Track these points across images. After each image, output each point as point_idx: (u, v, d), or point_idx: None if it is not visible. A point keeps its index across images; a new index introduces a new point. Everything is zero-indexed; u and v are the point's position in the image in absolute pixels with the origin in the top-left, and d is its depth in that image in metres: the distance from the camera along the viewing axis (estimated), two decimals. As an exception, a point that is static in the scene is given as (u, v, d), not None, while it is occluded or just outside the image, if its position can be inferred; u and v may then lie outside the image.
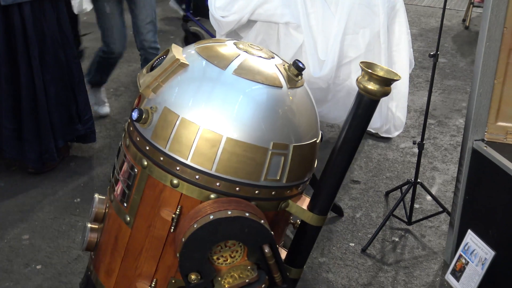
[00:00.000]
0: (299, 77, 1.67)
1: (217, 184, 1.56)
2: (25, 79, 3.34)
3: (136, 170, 1.63)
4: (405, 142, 4.02)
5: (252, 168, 1.56)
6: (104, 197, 1.80)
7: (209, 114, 1.56)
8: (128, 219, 1.66)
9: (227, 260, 1.58)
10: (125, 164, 1.67)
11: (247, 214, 1.53)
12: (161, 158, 1.57)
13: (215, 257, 1.57)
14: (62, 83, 3.50)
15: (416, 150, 3.33)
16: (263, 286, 1.58)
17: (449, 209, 3.06)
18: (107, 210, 1.77)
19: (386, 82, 1.54)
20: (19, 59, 3.31)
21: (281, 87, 1.61)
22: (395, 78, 1.55)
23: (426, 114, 3.03)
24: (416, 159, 3.10)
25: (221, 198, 1.57)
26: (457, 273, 2.73)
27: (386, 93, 1.55)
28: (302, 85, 1.70)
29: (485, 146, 2.59)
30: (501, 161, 2.50)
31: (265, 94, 1.60)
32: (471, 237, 2.70)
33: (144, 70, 1.67)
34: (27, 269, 2.85)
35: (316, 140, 1.69)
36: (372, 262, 2.94)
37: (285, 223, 1.76)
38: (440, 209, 3.21)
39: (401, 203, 3.15)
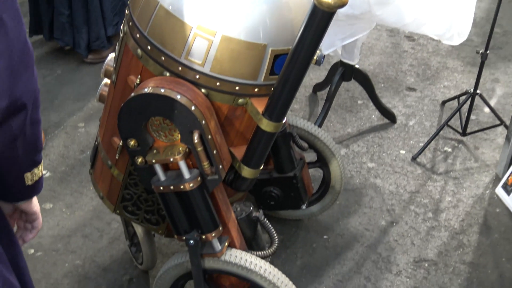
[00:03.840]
0: None
1: (162, 58, 1.61)
2: None
3: (121, 36, 1.75)
4: (467, 51, 3.87)
5: (175, 43, 1.59)
6: None
7: None
8: (114, 78, 1.80)
9: (166, 137, 1.66)
10: None
11: (178, 97, 1.56)
12: (133, 28, 1.67)
13: (154, 131, 1.66)
14: None
15: (478, 60, 3.20)
16: (190, 181, 1.65)
17: (507, 123, 2.98)
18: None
19: None
20: None
21: None
22: None
23: (493, 23, 2.88)
24: (478, 69, 2.98)
25: (169, 77, 1.62)
26: (509, 187, 2.69)
27: (342, 5, 1.42)
28: None
29: (553, 59, 2.48)
30: None
31: None
32: (527, 152, 2.64)
33: None
34: (82, 155, 2.94)
35: (266, 45, 1.60)
36: (422, 170, 2.92)
37: (245, 123, 1.73)
38: (498, 122, 3.13)
39: (457, 114, 3.08)
